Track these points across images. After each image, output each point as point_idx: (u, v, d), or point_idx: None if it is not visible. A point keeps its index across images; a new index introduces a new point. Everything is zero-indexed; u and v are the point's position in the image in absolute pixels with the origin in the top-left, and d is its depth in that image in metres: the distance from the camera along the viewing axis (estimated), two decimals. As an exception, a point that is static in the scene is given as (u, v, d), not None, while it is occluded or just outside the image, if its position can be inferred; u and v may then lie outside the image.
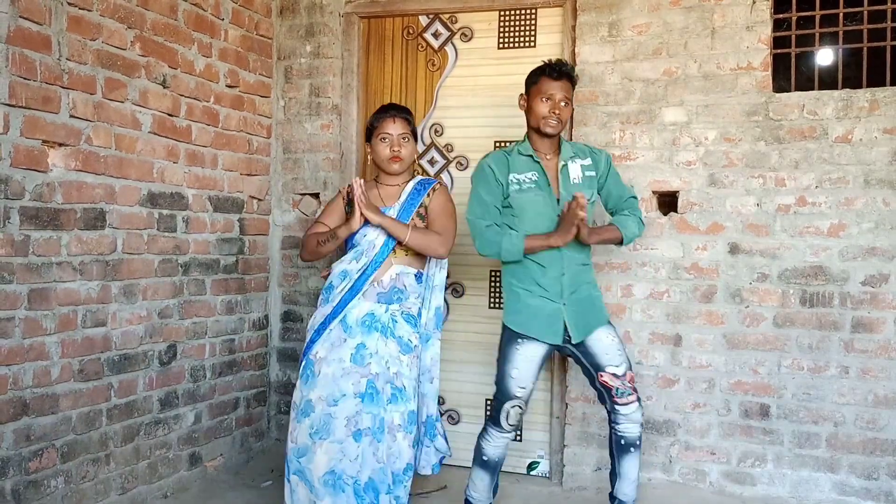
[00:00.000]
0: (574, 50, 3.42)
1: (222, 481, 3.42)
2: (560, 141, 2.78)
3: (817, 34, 3.19)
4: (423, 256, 2.75)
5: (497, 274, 3.64)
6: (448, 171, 3.73)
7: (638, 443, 2.71)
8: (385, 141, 2.71)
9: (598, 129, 3.36)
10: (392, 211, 2.71)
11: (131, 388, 3.00)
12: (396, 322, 2.66)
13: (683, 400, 3.27)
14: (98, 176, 2.80)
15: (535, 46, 3.58)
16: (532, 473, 3.57)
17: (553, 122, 2.66)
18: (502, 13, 3.63)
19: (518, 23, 3.61)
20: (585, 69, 3.37)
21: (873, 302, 3.05)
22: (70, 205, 2.68)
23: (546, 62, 2.71)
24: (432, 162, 3.75)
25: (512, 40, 3.62)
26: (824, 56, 4.07)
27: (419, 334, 2.73)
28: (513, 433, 2.76)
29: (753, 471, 3.20)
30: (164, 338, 3.16)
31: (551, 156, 2.74)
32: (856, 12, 3.14)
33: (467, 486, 2.87)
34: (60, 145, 2.64)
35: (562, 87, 2.65)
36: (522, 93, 2.77)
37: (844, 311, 3.08)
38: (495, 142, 3.64)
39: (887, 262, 3.03)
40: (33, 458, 2.58)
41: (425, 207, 2.74)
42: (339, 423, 2.56)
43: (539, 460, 3.57)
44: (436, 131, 3.73)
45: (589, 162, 2.77)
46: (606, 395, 2.70)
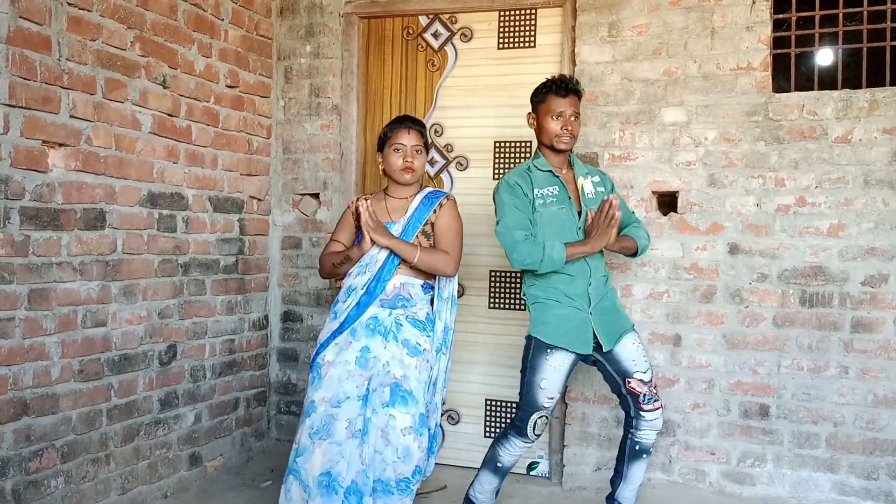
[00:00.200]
0: (574, 50, 3.42)
1: (222, 481, 3.42)
2: (570, 155, 2.82)
3: (817, 34, 3.20)
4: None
5: (497, 274, 3.64)
6: (448, 171, 3.73)
7: (650, 450, 2.74)
8: (398, 152, 2.69)
9: (598, 130, 3.36)
10: (397, 226, 2.69)
11: (131, 389, 3.00)
12: (401, 326, 2.64)
13: (683, 400, 3.28)
14: (98, 176, 2.80)
15: (535, 47, 3.58)
16: (532, 473, 3.57)
17: (566, 139, 2.69)
18: (502, 13, 3.63)
19: (518, 23, 3.61)
20: (585, 69, 3.37)
21: (873, 302, 3.05)
22: (70, 205, 2.69)
23: (551, 79, 2.72)
24: (432, 162, 3.75)
25: (512, 40, 3.62)
26: (824, 56, 4.07)
27: (430, 338, 2.70)
28: (534, 443, 2.77)
29: (753, 471, 3.20)
30: (164, 338, 3.16)
31: (566, 170, 2.78)
32: (855, 12, 3.14)
33: (471, 486, 2.86)
34: (60, 145, 2.64)
35: (571, 103, 2.68)
36: (530, 111, 2.78)
37: (844, 312, 3.09)
38: (495, 142, 3.64)
39: (887, 263, 3.03)
40: (33, 459, 2.58)
41: (431, 224, 2.71)
42: (341, 426, 2.55)
43: (539, 460, 3.57)
44: (436, 131, 3.74)
45: (598, 179, 2.83)
46: (632, 402, 2.71)
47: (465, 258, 3.56)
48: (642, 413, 2.69)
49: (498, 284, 3.65)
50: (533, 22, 3.59)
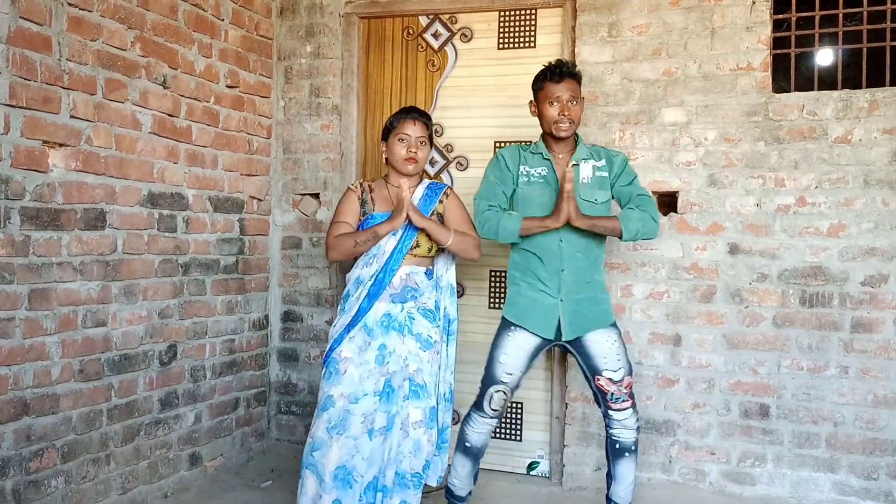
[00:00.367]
0: (574, 50, 3.42)
1: (222, 481, 3.42)
2: (577, 142, 2.77)
3: (817, 34, 3.20)
4: (431, 255, 2.76)
5: (497, 274, 3.64)
6: (448, 172, 3.73)
7: (633, 448, 2.71)
8: (403, 141, 2.71)
9: (598, 130, 3.36)
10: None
11: (131, 389, 3.00)
12: (414, 319, 2.68)
13: (683, 400, 3.28)
14: (98, 176, 2.80)
15: (535, 47, 3.58)
16: (532, 473, 3.57)
17: (565, 125, 2.65)
18: (502, 13, 3.63)
19: (518, 23, 3.61)
20: (585, 69, 3.37)
21: (873, 302, 3.05)
22: (70, 205, 2.69)
23: (547, 65, 2.71)
24: (432, 162, 3.75)
25: (512, 41, 3.63)
26: (824, 56, 4.07)
27: (438, 329, 2.74)
28: (495, 419, 2.76)
29: (753, 471, 3.20)
30: (165, 338, 3.17)
31: (564, 155, 2.75)
32: (855, 13, 3.14)
33: (449, 475, 2.88)
34: (61, 146, 2.64)
35: (567, 88, 2.64)
36: (532, 100, 2.77)
37: (844, 312, 3.09)
38: (495, 142, 3.64)
39: (887, 263, 3.04)
40: (34, 458, 2.58)
41: (439, 214, 2.77)
42: (356, 420, 2.58)
43: (539, 460, 3.58)
44: (436, 131, 3.73)
45: (603, 163, 2.74)
46: (601, 399, 2.72)
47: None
48: (611, 412, 2.69)
49: (498, 284, 3.65)
50: (533, 22, 3.59)
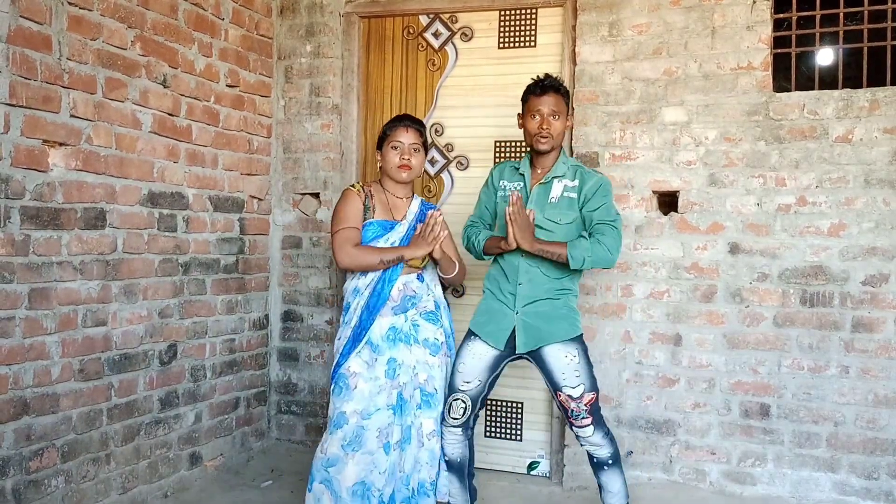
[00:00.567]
0: (574, 50, 3.42)
1: (222, 481, 3.42)
2: (559, 157, 2.70)
3: (817, 34, 3.19)
4: (423, 264, 2.75)
5: (497, 274, 3.65)
6: (448, 171, 3.73)
7: (610, 461, 2.65)
8: (396, 149, 2.70)
9: (599, 129, 3.36)
10: (402, 227, 2.72)
11: (132, 388, 3.00)
12: (418, 326, 2.69)
13: (683, 400, 3.28)
14: (98, 175, 2.80)
15: (536, 46, 3.58)
16: (532, 473, 3.57)
17: (543, 139, 2.61)
18: (502, 13, 3.63)
19: (518, 22, 3.61)
20: (586, 69, 3.37)
21: (873, 302, 3.05)
22: (70, 204, 2.69)
23: (533, 79, 2.67)
24: (433, 162, 3.75)
25: (512, 40, 3.62)
26: (824, 56, 4.07)
27: (441, 328, 2.74)
28: (460, 429, 2.69)
29: (753, 470, 3.20)
30: (165, 337, 3.16)
31: (543, 171, 2.69)
32: (856, 12, 3.14)
33: (449, 492, 2.85)
34: (61, 145, 2.64)
35: (548, 102, 2.60)
36: (519, 112, 2.74)
37: (844, 311, 3.08)
38: (495, 141, 3.64)
39: (887, 262, 3.03)
40: (34, 458, 2.58)
41: None
42: (371, 435, 2.57)
43: (539, 460, 3.57)
44: (436, 131, 3.73)
45: (575, 184, 2.64)
46: (563, 414, 2.70)
47: (466, 258, 3.56)
48: (574, 428, 2.65)
49: (498, 284, 3.64)
50: (533, 21, 3.59)
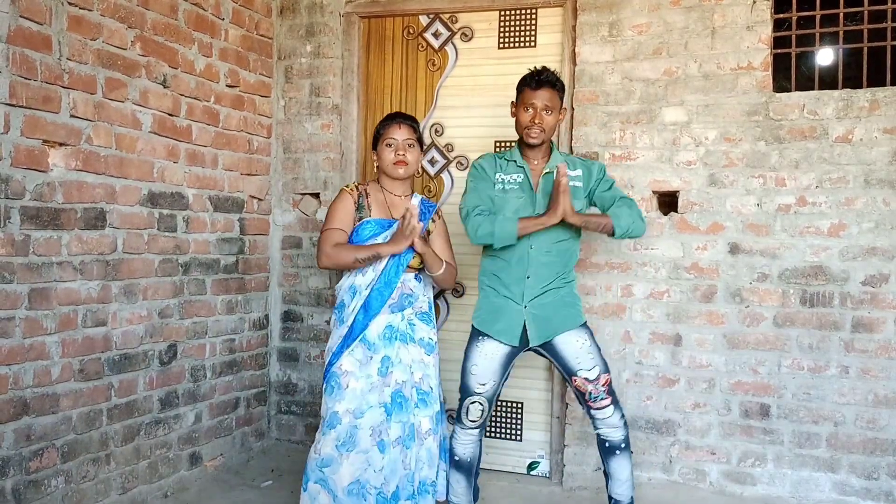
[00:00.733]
0: (574, 50, 3.42)
1: (222, 481, 3.42)
2: (551, 150, 2.75)
3: (817, 34, 3.19)
4: (419, 258, 2.74)
5: (497, 274, 3.64)
6: (448, 171, 3.73)
7: (623, 445, 2.68)
8: (391, 146, 2.70)
9: (599, 129, 3.36)
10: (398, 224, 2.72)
11: (131, 388, 3.00)
12: (414, 325, 2.69)
13: (683, 400, 3.28)
14: (98, 176, 2.80)
15: (536, 46, 3.58)
16: (532, 473, 3.57)
17: (534, 132, 2.63)
18: (502, 13, 3.63)
19: (518, 23, 3.61)
20: (585, 69, 3.37)
21: (873, 302, 3.05)
22: (70, 204, 2.69)
23: (530, 70, 2.68)
24: (433, 162, 3.75)
25: (512, 40, 3.62)
26: (824, 56, 4.07)
27: (434, 329, 2.77)
28: (476, 430, 2.74)
29: (753, 471, 3.20)
30: (165, 337, 3.16)
31: (539, 162, 2.72)
32: (856, 12, 3.14)
33: (447, 491, 2.85)
34: (61, 145, 2.64)
35: (543, 96, 2.62)
36: (513, 100, 2.75)
37: (844, 311, 3.08)
38: (495, 142, 3.64)
39: (887, 262, 3.03)
40: (34, 458, 2.58)
41: (428, 231, 2.78)
42: (364, 434, 2.58)
43: (539, 460, 3.57)
44: (436, 131, 3.74)
45: (579, 173, 2.71)
46: (581, 399, 2.71)
47: (465, 258, 3.57)
48: (592, 411, 2.68)
49: (498, 284, 3.64)
50: (533, 21, 3.59)
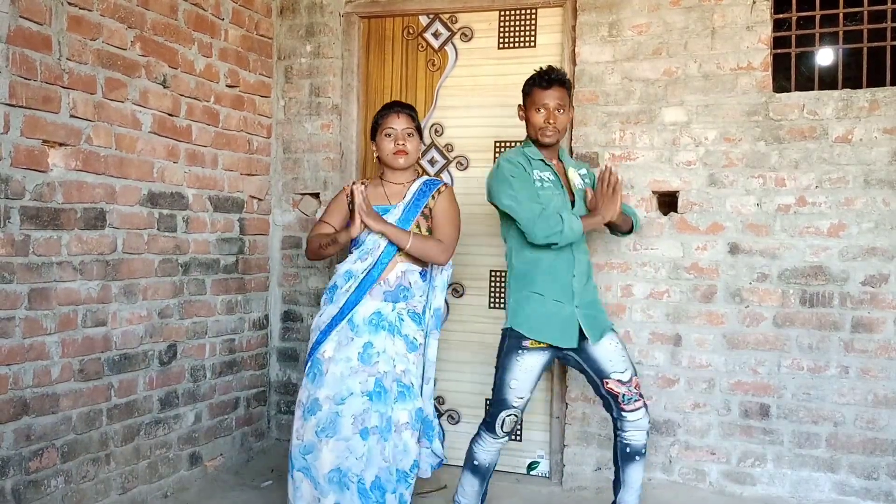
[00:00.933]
0: (574, 50, 3.42)
1: (222, 481, 3.42)
2: (560, 149, 2.82)
3: (817, 34, 3.19)
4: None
5: (497, 274, 3.64)
6: (448, 171, 3.73)
7: (643, 451, 2.69)
8: (390, 136, 2.70)
9: (598, 129, 3.36)
10: (397, 209, 2.70)
11: (131, 388, 3.00)
12: (403, 320, 2.68)
13: (683, 400, 3.28)
14: (98, 176, 2.80)
15: (535, 46, 3.58)
16: (532, 473, 3.57)
17: (549, 132, 2.65)
18: (502, 13, 3.63)
19: (518, 23, 3.61)
20: (585, 69, 3.37)
21: (873, 302, 3.05)
22: (70, 204, 2.69)
23: (537, 70, 2.70)
24: (432, 162, 3.75)
25: (512, 40, 3.62)
26: (824, 56, 4.07)
27: (422, 332, 2.75)
28: (506, 440, 2.76)
29: (753, 471, 3.20)
30: (165, 337, 3.16)
31: (556, 161, 2.78)
32: (856, 12, 3.14)
33: (456, 491, 2.87)
34: (61, 145, 2.64)
35: (554, 96, 2.63)
36: (520, 103, 2.76)
37: (844, 311, 3.08)
38: (495, 141, 3.64)
39: (887, 262, 3.03)
40: (33, 458, 2.58)
41: (430, 209, 2.74)
42: (346, 422, 2.57)
43: (539, 460, 3.57)
44: (436, 131, 3.74)
45: (584, 172, 2.86)
46: (613, 403, 2.68)
47: (465, 258, 3.57)
48: (623, 414, 2.66)
49: (498, 284, 3.65)
50: (533, 22, 3.59)
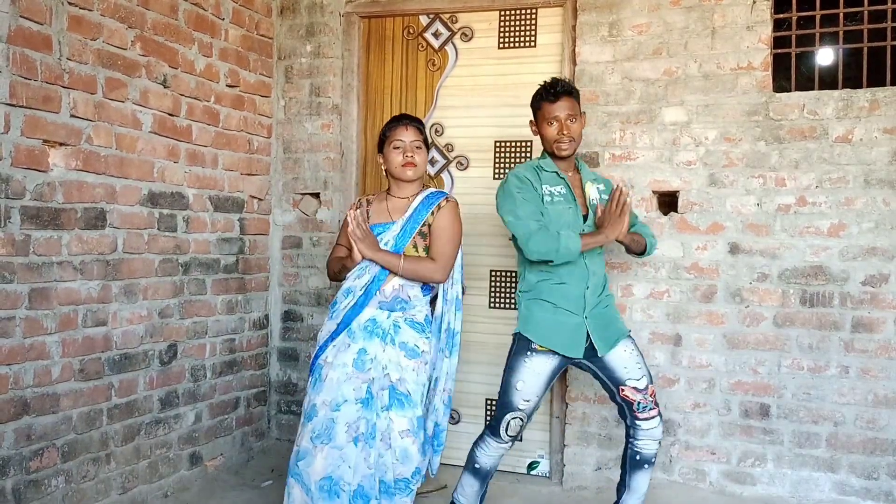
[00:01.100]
0: (574, 50, 3.42)
1: (223, 481, 3.42)
2: (577, 161, 2.77)
3: (817, 34, 3.20)
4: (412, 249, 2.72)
5: (497, 274, 3.64)
6: (448, 171, 3.73)
7: (653, 460, 2.66)
8: (398, 149, 2.68)
9: (598, 129, 3.36)
10: (396, 226, 2.67)
11: (132, 388, 3.00)
12: (399, 328, 2.63)
13: (683, 400, 3.28)
14: (99, 175, 2.80)
15: (536, 46, 3.58)
16: (532, 473, 3.57)
17: (564, 144, 2.63)
18: (503, 13, 3.63)
19: (518, 22, 3.61)
20: (586, 69, 3.38)
21: (873, 302, 3.05)
22: (71, 204, 2.69)
23: (542, 85, 2.67)
24: (433, 162, 3.75)
25: (512, 40, 3.62)
26: (824, 56, 4.07)
27: (429, 340, 2.68)
28: (510, 444, 2.72)
29: (753, 470, 3.20)
30: (165, 337, 3.17)
31: (572, 173, 2.73)
32: (856, 12, 3.14)
33: (455, 489, 2.86)
34: (61, 145, 2.64)
35: (564, 107, 2.61)
36: (531, 119, 2.74)
37: (844, 311, 3.09)
38: (495, 141, 3.64)
39: (887, 262, 3.03)
40: (34, 458, 2.58)
41: (428, 225, 2.68)
42: (341, 429, 2.55)
43: (539, 460, 3.57)
44: (436, 131, 3.74)
45: (603, 187, 2.77)
46: (628, 410, 2.66)
47: (466, 258, 3.55)
48: (638, 422, 2.63)
49: (498, 284, 3.65)
50: (533, 21, 3.59)
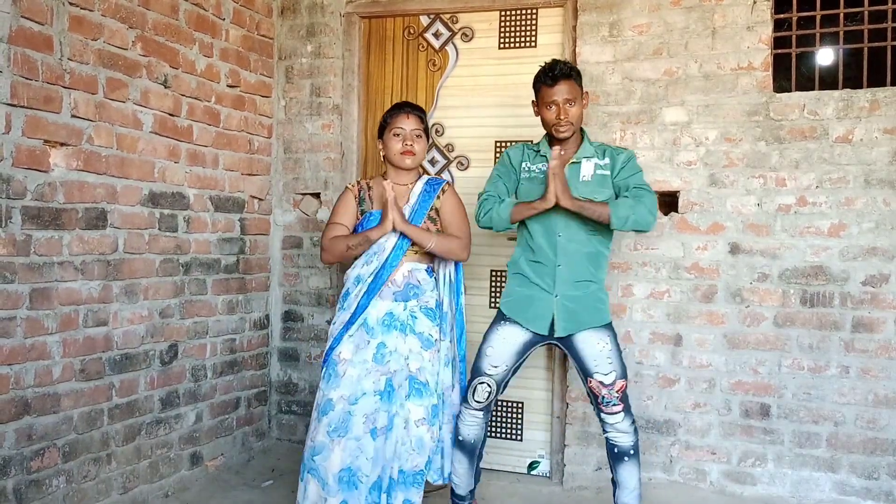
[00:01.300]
0: (575, 50, 3.42)
1: (223, 481, 3.42)
2: (583, 139, 2.74)
3: (818, 34, 3.20)
4: (432, 253, 2.75)
5: (497, 274, 3.64)
6: (449, 171, 3.73)
7: (632, 452, 2.67)
8: (398, 136, 2.71)
9: (599, 129, 3.36)
10: (405, 211, 2.72)
11: (132, 388, 3.00)
12: (416, 318, 2.69)
13: (684, 400, 3.28)
14: (99, 176, 2.80)
15: (536, 46, 3.58)
16: (533, 473, 3.58)
17: (562, 127, 2.64)
18: (503, 13, 3.63)
19: (519, 23, 3.61)
20: (586, 69, 3.37)
21: (874, 302, 3.05)
22: (71, 204, 2.69)
23: (542, 66, 2.68)
24: (433, 162, 3.75)
25: (513, 40, 3.63)
26: (825, 56, 4.07)
27: (440, 326, 2.74)
28: (481, 413, 2.75)
29: (754, 470, 3.20)
30: (166, 337, 3.17)
31: (567, 153, 2.70)
32: (856, 12, 3.14)
33: (450, 472, 2.88)
34: (62, 145, 2.64)
35: (562, 90, 2.62)
36: (533, 100, 2.76)
37: (845, 311, 3.09)
38: (496, 141, 3.64)
39: (887, 262, 3.04)
40: (35, 458, 2.58)
41: (436, 209, 2.76)
42: (358, 420, 2.58)
43: (539, 460, 3.58)
44: (437, 131, 3.74)
45: (606, 162, 2.70)
46: (593, 401, 2.71)
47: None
48: (602, 414, 2.67)
49: (499, 284, 3.65)
50: (534, 22, 3.59)
